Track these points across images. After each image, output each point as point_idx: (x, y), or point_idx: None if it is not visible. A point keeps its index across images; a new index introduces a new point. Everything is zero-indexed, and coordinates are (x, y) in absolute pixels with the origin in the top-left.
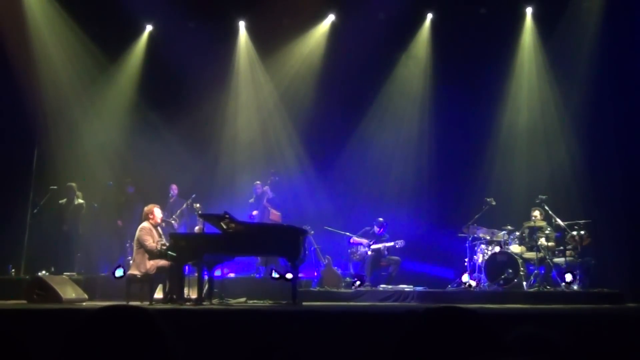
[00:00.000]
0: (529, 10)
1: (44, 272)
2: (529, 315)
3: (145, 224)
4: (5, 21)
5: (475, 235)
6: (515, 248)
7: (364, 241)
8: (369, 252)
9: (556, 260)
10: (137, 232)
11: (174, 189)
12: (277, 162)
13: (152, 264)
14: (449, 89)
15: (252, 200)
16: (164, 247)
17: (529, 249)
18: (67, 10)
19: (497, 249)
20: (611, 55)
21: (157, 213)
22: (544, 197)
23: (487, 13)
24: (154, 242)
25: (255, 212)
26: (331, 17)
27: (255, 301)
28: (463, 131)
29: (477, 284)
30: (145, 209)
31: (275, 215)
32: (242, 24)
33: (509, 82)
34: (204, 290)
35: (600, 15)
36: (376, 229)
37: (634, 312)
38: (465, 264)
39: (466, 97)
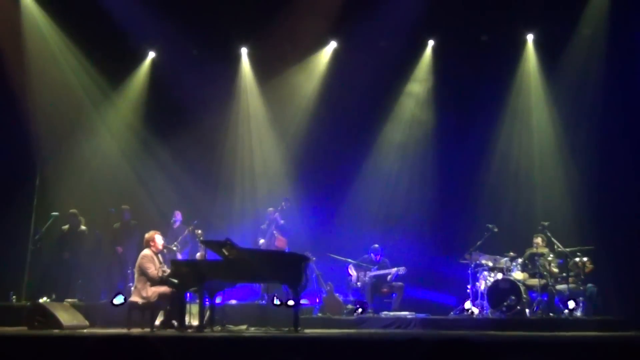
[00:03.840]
0: (530, 37)
1: (45, 298)
2: (532, 342)
3: (146, 251)
4: (6, 46)
5: (478, 262)
6: (517, 275)
7: (354, 274)
8: (368, 279)
9: (559, 287)
10: (139, 260)
11: (178, 215)
12: (279, 188)
13: (153, 291)
14: (450, 115)
15: (264, 226)
16: (165, 274)
17: (532, 276)
18: (70, 35)
19: (499, 275)
20: (614, 82)
21: (158, 240)
22: (546, 223)
23: (488, 40)
24: (155, 269)
25: (262, 241)
26: (333, 44)
27: (256, 328)
28: (465, 157)
29: (480, 311)
30: (146, 235)
31: (281, 242)
32: (244, 51)
33: (511, 109)
34: (206, 317)
35: (602, 42)
36: (372, 256)
37: (638, 340)
38: (468, 290)
39: (468, 124)
